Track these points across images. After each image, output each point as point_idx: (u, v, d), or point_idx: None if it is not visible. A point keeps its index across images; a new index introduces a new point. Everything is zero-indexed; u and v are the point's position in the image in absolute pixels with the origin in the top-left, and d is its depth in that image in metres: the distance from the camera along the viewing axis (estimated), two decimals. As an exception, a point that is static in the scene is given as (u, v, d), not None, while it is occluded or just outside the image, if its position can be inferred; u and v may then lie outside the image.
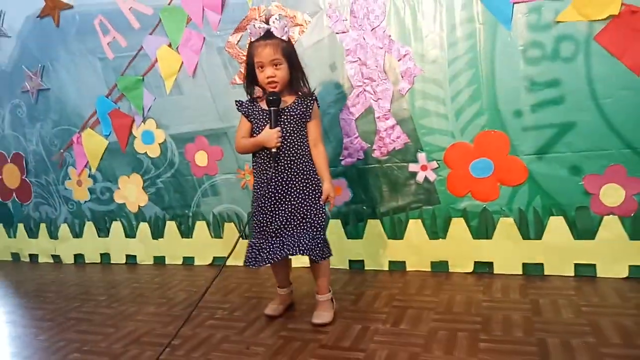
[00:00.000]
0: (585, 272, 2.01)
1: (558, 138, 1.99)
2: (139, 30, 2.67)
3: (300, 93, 1.80)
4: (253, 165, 1.85)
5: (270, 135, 1.73)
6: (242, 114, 1.84)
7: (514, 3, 1.97)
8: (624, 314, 1.65)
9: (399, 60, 2.17)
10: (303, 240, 1.74)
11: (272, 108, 1.73)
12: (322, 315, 1.80)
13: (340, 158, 2.33)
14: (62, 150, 3.03)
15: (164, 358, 1.64)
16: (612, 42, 1.86)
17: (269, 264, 1.83)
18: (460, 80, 2.09)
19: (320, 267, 1.83)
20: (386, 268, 2.34)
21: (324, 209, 1.80)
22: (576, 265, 2.03)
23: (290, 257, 1.80)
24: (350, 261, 2.41)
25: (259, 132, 1.77)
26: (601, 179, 1.95)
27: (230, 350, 1.66)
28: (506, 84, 2.03)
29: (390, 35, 2.17)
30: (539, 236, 2.07)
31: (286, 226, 1.77)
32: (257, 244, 1.79)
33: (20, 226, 3.29)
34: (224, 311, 2.02)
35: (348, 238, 2.39)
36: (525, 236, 2.09)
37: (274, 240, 1.78)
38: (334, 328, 1.75)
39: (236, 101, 1.85)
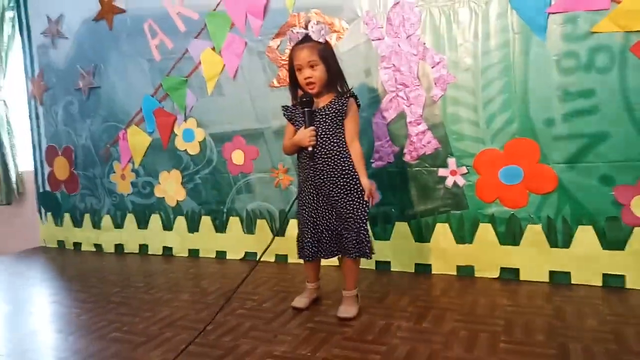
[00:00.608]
0: (613, 283, 2.01)
1: (590, 148, 2.00)
2: (185, 33, 2.82)
3: (337, 92, 1.87)
4: (298, 165, 1.95)
5: (304, 135, 1.82)
6: (287, 118, 1.95)
7: (549, 13, 1.99)
8: (651, 325, 1.64)
9: (432, 68, 2.23)
10: (352, 242, 1.83)
11: (305, 109, 1.82)
12: (348, 310, 1.86)
13: (371, 161, 2.40)
14: (108, 145, 3.21)
15: (198, 341, 1.73)
16: (648, 53, 1.86)
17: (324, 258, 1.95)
18: (493, 88, 2.13)
19: (352, 264, 1.91)
20: (412, 270, 2.39)
21: (367, 205, 1.86)
22: (604, 275, 2.02)
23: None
24: (377, 262, 2.46)
25: None
26: (633, 190, 1.95)
27: (259, 337, 1.75)
28: (539, 92, 2.06)
29: (424, 43, 2.23)
30: (566, 245, 2.07)
31: (337, 222, 1.87)
32: (314, 239, 1.89)
33: (67, 216, 3.49)
34: (253, 302, 2.11)
35: (376, 239, 2.44)
36: (553, 244, 2.10)
37: (329, 236, 1.89)
38: (359, 322, 1.81)
39: (282, 107, 1.96)
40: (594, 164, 1.99)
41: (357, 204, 1.84)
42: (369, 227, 1.89)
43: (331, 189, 1.84)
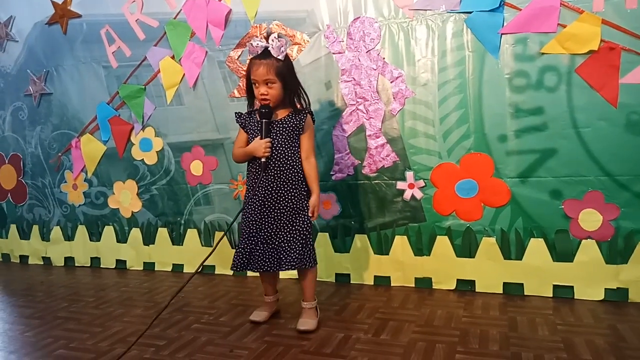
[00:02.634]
0: (563, 294, 2.08)
1: (540, 163, 2.08)
2: (144, 41, 2.76)
3: (294, 108, 1.88)
4: (247, 174, 1.93)
5: (259, 145, 1.81)
6: (240, 125, 1.93)
7: (502, 34, 2.08)
8: (597, 334, 1.71)
9: (391, 82, 2.27)
10: (294, 253, 1.81)
11: (263, 120, 1.82)
12: (307, 323, 1.85)
13: (331, 173, 2.41)
14: (60, 154, 3.09)
15: (150, 357, 1.68)
16: (591, 75, 1.96)
17: (258, 272, 1.91)
18: (449, 104, 2.19)
19: (308, 274, 1.90)
20: (371, 282, 2.40)
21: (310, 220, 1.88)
22: (555, 286, 2.09)
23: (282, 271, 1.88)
24: (336, 274, 2.46)
25: None
26: (580, 204, 2.04)
27: (214, 352, 1.70)
28: (492, 109, 2.13)
29: (384, 58, 2.28)
30: (519, 257, 2.14)
31: (276, 235, 1.85)
32: (246, 250, 1.86)
33: (13, 227, 3.32)
34: (210, 316, 2.06)
35: (335, 252, 2.44)
36: (507, 256, 2.16)
37: (264, 249, 1.85)
38: (317, 335, 1.80)
39: (235, 113, 1.95)
40: (544, 179, 2.08)
41: (303, 216, 1.85)
42: (313, 241, 1.91)
43: (279, 201, 1.84)
